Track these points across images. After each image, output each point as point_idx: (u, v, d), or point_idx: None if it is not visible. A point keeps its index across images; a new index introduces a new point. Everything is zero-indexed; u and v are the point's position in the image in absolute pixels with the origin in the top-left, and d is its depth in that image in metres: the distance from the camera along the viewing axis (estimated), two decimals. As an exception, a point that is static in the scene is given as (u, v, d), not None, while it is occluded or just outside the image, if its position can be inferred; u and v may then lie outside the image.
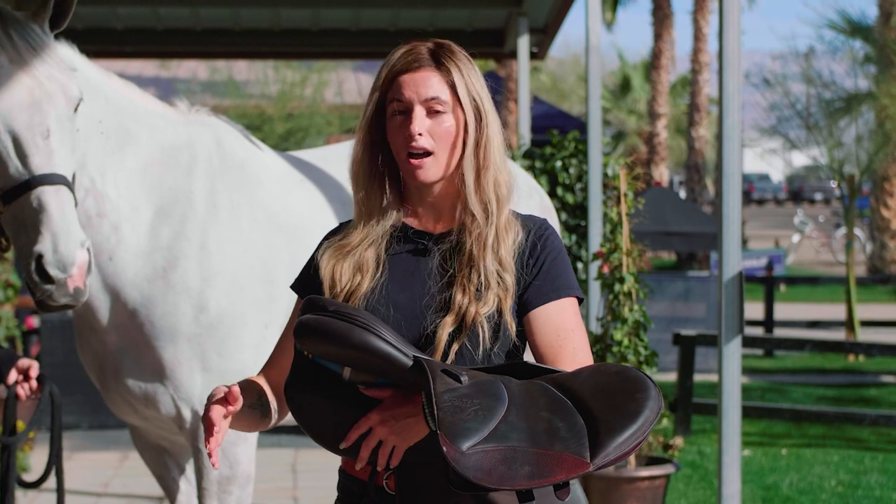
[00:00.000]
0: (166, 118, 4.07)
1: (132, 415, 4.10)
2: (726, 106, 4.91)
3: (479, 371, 2.28)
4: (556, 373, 2.30)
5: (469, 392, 2.17)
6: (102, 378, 4.06)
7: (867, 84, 17.86)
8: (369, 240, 2.48)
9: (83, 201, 3.82)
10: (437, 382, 2.18)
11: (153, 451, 4.33)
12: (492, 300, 2.38)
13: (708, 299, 12.28)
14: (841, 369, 12.69)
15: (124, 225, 3.90)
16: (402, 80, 2.44)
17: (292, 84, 21.93)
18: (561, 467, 2.11)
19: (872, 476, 7.80)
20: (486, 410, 2.14)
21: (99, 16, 9.51)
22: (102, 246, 3.87)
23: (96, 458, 8.19)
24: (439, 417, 2.12)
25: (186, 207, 3.97)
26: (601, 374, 2.26)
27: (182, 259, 3.93)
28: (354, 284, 2.45)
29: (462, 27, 9.95)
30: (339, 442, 2.34)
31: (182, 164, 4.02)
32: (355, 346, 2.25)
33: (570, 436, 2.13)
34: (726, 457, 4.94)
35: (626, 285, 6.27)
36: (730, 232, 4.90)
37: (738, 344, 4.94)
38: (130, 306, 3.92)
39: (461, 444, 2.09)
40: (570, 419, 2.16)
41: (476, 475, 2.08)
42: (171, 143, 4.03)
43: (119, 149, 3.90)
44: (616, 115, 34.55)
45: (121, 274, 3.90)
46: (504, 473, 2.09)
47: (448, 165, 2.45)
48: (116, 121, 3.90)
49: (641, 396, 2.18)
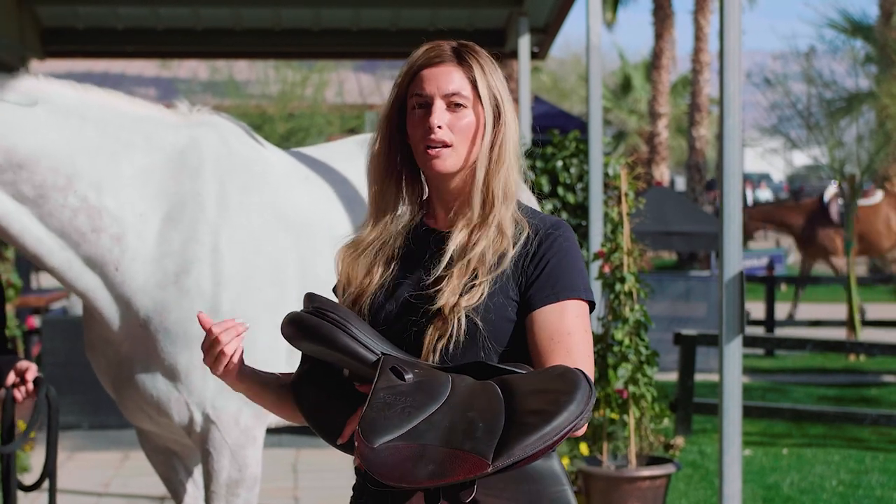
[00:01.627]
0: (162, 122, 4.03)
1: (146, 421, 4.10)
2: (727, 106, 4.91)
3: (440, 370, 2.28)
4: (516, 373, 2.27)
5: (406, 390, 2.19)
6: (117, 386, 4.05)
7: (868, 84, 17.84)
8: (382, 238, 2.49)
9: (72, 220, 3.80)
10: (381, 379, 2.20)
11: (161, 453, 4.33)
12: (477, 296, 2.37)
13: (709, 299, 12.28)
14: (842, 369, 12.69)
15: (128, 234, 3.88)
16: (423, 75, 2.45)
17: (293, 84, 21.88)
18: (462, 467, 2.10)
19: (873, 476, 7.79)
20: (414, 408, 2.15)
21: (99, 16, 9.50)
22: (105, 258, 3.86)
23: (97, 458, 8.19)
24: (364, 413, 2.15)
25: (196, 210, 3.96)
26: (547, 374, 2.24)
27: (195, 263, 3.92)
28: (366, 283, 2.46)
29: (463, 27, 9.94)
30: (338, 438, 2.36)
31: (188, 166, 4.00)
32: (323, 342, 2.28)
33: (483, 436, 2.12)
34: (727, 456, 4.94)
35: (627, 285, 6.27)
36: (731, 231, 4.90)
37: (739, 343, 4.94)
38: (143, 314, 3.91)
39: (373, 440, 2.11)
40: (494, 420, 2.14)
41: (379, 471, 2.11)
42: (172, 146, 4.00)
43: (112, 160, 3.86)
44: (617, 115, 34.52)
45: (129, 282, 3.89)
46: (407, 471, 2.11)
47: (466, 160, 2.44)
48: (100, 134, 3.86)
49: (565, 399, 2.15)
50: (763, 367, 12.78)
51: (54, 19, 9.50)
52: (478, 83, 2.45)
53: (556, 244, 2.43)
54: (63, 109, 3.81)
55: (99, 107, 3.91)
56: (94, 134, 3.85)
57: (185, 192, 3.96)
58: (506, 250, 2.41)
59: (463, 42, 2.50)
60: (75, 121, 3.83)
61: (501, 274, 2.40)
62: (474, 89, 2.45)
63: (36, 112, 3.74)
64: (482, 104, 2.45)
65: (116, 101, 3.99)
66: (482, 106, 2.45)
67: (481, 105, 2.45)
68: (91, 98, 3.91)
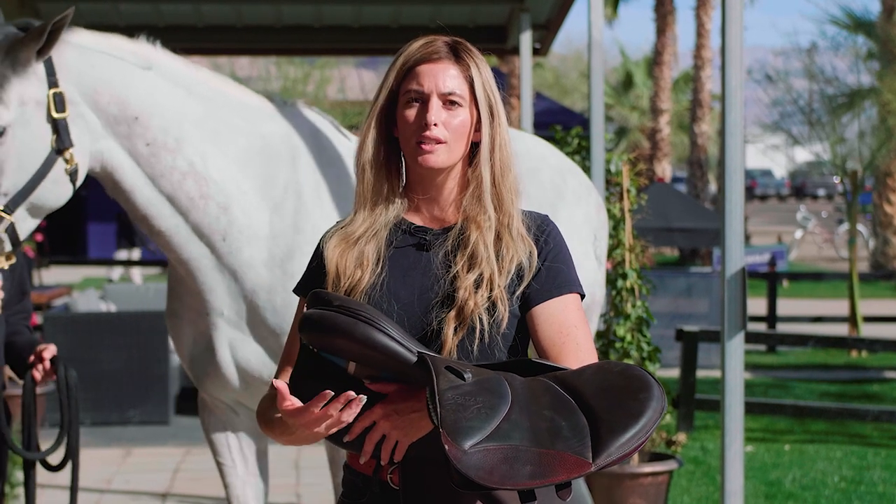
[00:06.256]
0: (261, 110, 4.13)
1: (233, 392, 4.11)
2: (729, 102, 4.91)
3: (483, 368, 2.28)
4: (559, 370, 2.29)
5: (472, 390, 2.17)
6: (212, 358, 4.06)
7: (870, 80, 17.84)
8: (372, 230, 2.48)
9: (182, 183, 3.88)
10: (441, 379, 2.17)
11: (222, 429, 4.28)
12: (491, 294, 2.38)
13: (710, 295, 12.28)
14: (844, 365, 12.69)
15: (234, 206, 3.95)
16: (420, 70, 2.45)
17: (294, 80, 21.91)
18: (562, 467, 2.10)
19: (875, 472, 7.79)
20: (489, 409, 2.14)
21: (101, 12, 9.50)
22: (212, 227, 3.93)
23: (99, 455, 8.19)
24: (442, 416, 2.11)
25: (296, 200, 4.03)
26: (605, 372, 2.25)
27: (297, 251, 3.98)
28: (356, 279, 2.44)
29: (464, 23, 9.93)
30: (344, 435, 2.34)
31: (285, 155, 4.07)
32: (359, 341, 2.25)
33: (573, 435, 2.12)
34: (729, 453, 4.94)
35: (629, 281, 6.27)
36: (732, 228, 4.90)
37: (741, 340, 4.93)
38: (249, 286, 3.97)
39: (463, 442, 2.09)
40: (573, 418, 2.15)
41: (478, 474, 2.07)
42: (272, 133, 4.09)
43: (214, 135, 3.96)
44: (619, 111, 34.52)
45: (236, 254, 3.96)
46: (506, 473, 2.08)
47: (455, 158, 2.45)
48: (204, 109, 3.96)
49: (644, 396, 2.17)
50: (765, 364, 12.78)
51: (55, 16, 9.48)
52: (475, 83, 2.45)
53: (552, 239, 2.47)
54: (172, 79, 3.93)
55: (206, 86, 4.02)
56: (199, 109, 3.96)
57: (284, 179, 4.04)
58: (514, 247, 2.42)
59: (457, 39, 2.50)
60: (182, 92, 3.94)
61: (508, 271, 2.41)
62: (470, 89, 2.45)
63: (150, 75, 3.87)
64: (477, 104, 2.45)
65: (223, 84, 4.11)
66: (476, 105, 2.45)
67: (475, 104, 2.45)
68: (200, 76, 4.03)
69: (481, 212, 2.44)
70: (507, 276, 2.41)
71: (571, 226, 4.55)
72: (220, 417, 4.23)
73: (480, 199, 2.44)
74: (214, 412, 4.23)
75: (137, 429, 9.06)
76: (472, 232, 2.43)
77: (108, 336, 9.20)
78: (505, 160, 2.46)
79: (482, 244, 2.41)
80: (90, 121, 3.79)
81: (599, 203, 4.92)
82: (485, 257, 2.40)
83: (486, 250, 2.41)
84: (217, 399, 4.18)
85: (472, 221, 2.44)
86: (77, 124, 3.76)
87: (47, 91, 3.71)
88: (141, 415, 9.19)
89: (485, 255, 2.40)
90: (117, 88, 3.82)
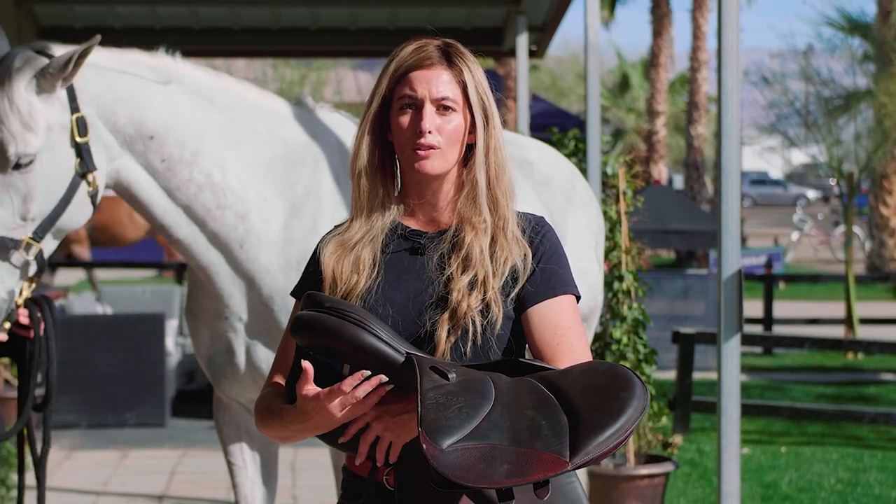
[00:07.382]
0: (285, 115, 4.16)
1: (248, 393, 4.13)
2: (725, 104, 4.91)
3: (472, 368, 2.28)
4: (548, 370, 2.29)
5: (455, 390, 2.18)
6: (230, 360, 4.09)
7: (866, 82, 17.86)
8: (369, 236, 2.48)
9: (198, 195, 3.91)
10: (425, 379, 2.19)
11: (235, 430, 4.29)
12: (485, 296, 2.38)
13: (707, 297, 12.27)
14: (840, 367, 12.70)
15: (252, 214, 3.99)
16: (413, 76, 2.44)
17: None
18: (539, 466, 2.10)
19: (871, 474, 7.80)
20: (470, 408, 2.15)
21: (97, 15, 9.50)
22: (230, 235, 3.98)
23: (95, 457, 8.19)
24: (421, 415, 2.13)
25: (316, 204, 4.06)
26: (590, 371, 2.26)
27: None
28: (352, 283, 2.45)
29: (461, 25, 9.94)
30: (339, 437, 2.34)
31: (308, 160, 4.10)
32: (347, 342, 2.26)
33: (552, 434, 2.13)
34: (725, 455, 4.94)
35: (625, 283, 6.27)
36: (729, 230, 4.90)
37: (738, 342, 4.94)
38: (266, 292, 4.01)
39: (441, 441, 2.10)
40: (554, 417, 2.16)
41: (455, 473, 2.09)
42: (294, 139, 4.12)
43: (235, 143, 4.00)
44: (615, 114, 34.55)
45: (253, 261, 4.00)
46: (483, 471, 2.09)
47: (451, 163, 2.45)
48: (226, 119, 4.00)
49: (626, 395, 2.18)
50: (761, 366, 12.78)
51: (52, 18, 9.50)
52: (468, 87, 2.45)
53: (546, 241, 2.47)
54: (193, 91, 3.97)
55: (228, 93, 4.06)
56: (221, 118, 4.00)
57: (304, 184, 4.07)
58: (509, 250, 2.43)
59: (448, 41, 2.49)
60: (204, 103, 3.98)
61: (501, 273, 2.41)
62: (464, 93, 2.45)
63: (169, 89, 3.91)
64: (471, 108, 2.45)
65: (245, 90, 4.14)
66: (470, 109, 2.46)
67: (469, 109, 2.46)
68: (221, 84, 4.07)
69: (476, 214, 2.44)
70: (501, 278, 2.41)
71: (578, 230, 4.57)
72: (234, 417, 4.26)
73: (475, 202, 2.45)
74: (230, 411, 4.26)
75: (134, 431, 9.05)
76: (467, 234, 2.43)
77: (104, 338, 9.19)
78: (500, 162, 2.47)
79: (477, 246, 2.42)
80: (107, 141, 3.84)
81: (598, 207, 4.94)
82: (479, 259, 2.41)
83: (481, 252, 2.41)
84: (232, 399, 4.22)
85: (467, 223, 2.44)
86: (96, 146, 3.80)
87: (70, 116, 3.74)
88: (137, 417, 9.18)
89: (479, 257, 2.41)
90: (135, 108, 3.86)
